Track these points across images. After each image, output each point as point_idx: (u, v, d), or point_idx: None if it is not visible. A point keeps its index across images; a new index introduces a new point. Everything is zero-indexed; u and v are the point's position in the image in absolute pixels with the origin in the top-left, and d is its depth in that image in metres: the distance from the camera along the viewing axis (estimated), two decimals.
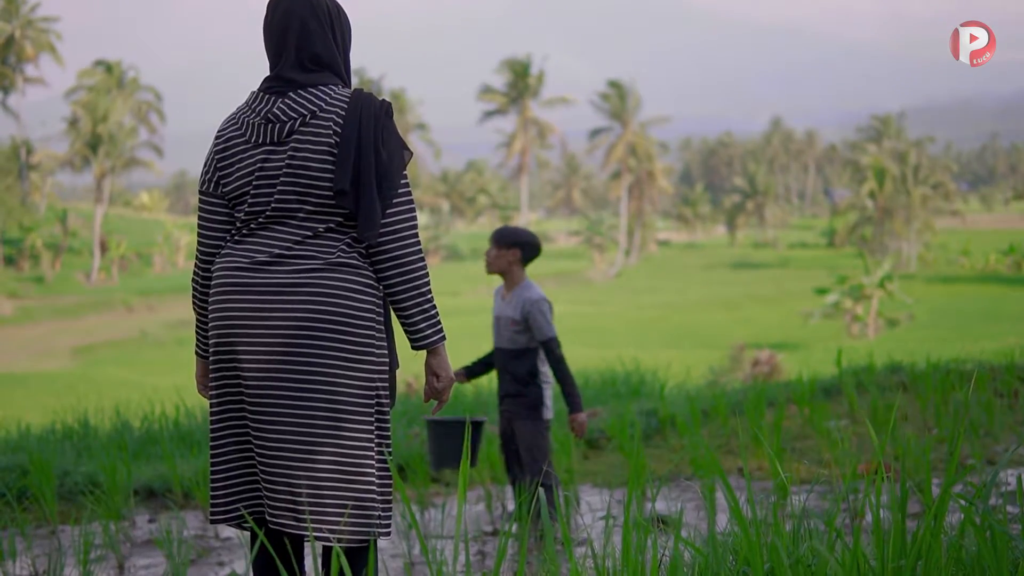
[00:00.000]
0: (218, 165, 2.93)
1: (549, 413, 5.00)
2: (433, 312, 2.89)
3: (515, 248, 4.96)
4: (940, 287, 59.28)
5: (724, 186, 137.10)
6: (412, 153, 2.91)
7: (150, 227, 77.33)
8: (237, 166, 2.88)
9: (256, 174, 2.85)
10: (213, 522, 2.96)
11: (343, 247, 2.82)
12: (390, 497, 2.89)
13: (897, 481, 5.25)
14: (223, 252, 2.90)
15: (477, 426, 4.81)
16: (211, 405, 2.93)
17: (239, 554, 4.67)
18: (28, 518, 5.14)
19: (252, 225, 2.86)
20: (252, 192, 2.85)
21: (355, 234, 2.83)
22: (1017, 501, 2.59)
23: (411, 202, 2.86)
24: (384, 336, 2.89)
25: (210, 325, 2.90)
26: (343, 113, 2.81)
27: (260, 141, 2.85)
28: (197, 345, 3.06)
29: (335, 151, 2.79)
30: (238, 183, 2.88)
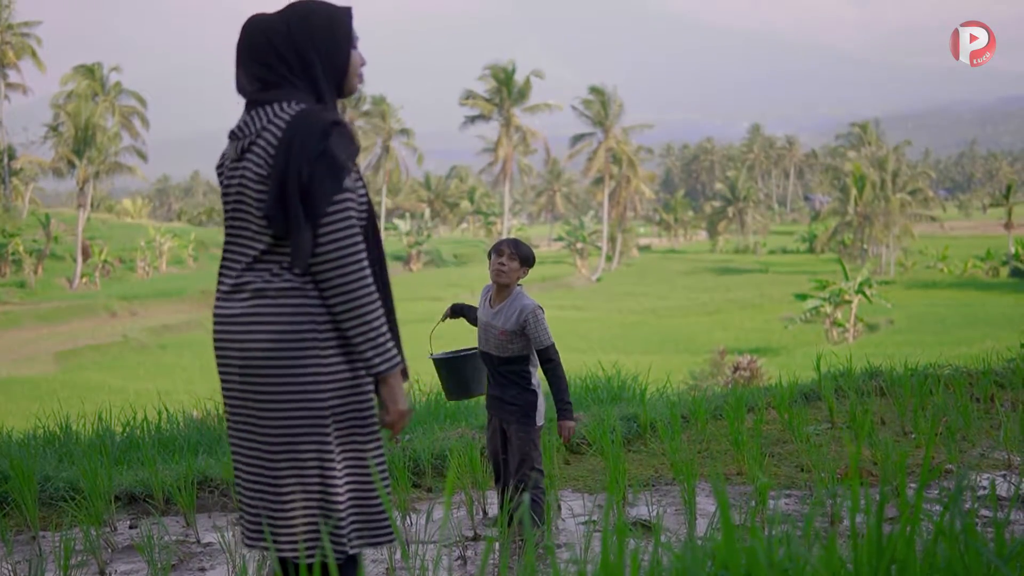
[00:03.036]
0: (218, 174, 2.99)
1: (541, 420, 5.02)
2: (379, 339, 2.76)
3: (528, 267, 5.02)
4: (918, 292, 59.63)
5: (705, 192, 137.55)
6: (350, 171, 2.77)
7: (133, 232, 77.01)
8: (223, 181, 2.94)
9: (222, 190, 2.92)
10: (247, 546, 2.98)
11: (278, 270, 2.79)
12: (372, 511, 2.87)
13: (874, 486, 5.31)
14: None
15: (472, 358, 5.09)
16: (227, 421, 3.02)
17: (220, 559, 4.68)
18: (9, 524, 5.13)
19: (224, 246, 2.93)
20: (223, 207, 2.93)
21: (288, 256, 2.80)
22: (989, 503, 2.63)
23: (346, 225, 2.72)
24: (333, 353, 2.80)
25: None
26: (278, 132, 2.77)
27: (231, 157, 2.90)
28: None
29: (264, 171, 2.78)
30: (223, 199, 2.95)
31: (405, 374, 2.94)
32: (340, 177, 2.73)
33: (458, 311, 5.32)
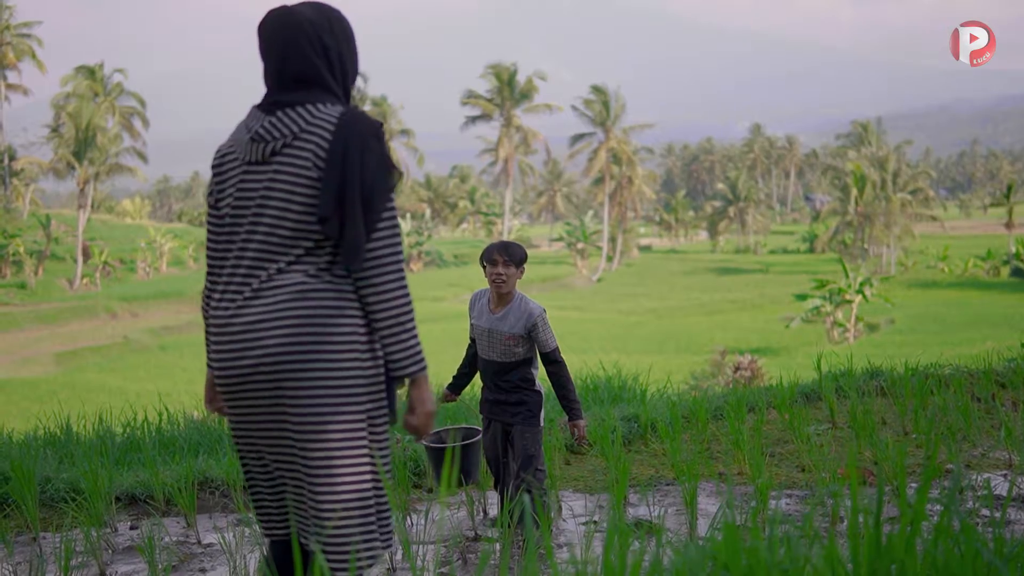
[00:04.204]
0: (215, 179, 2.93)
1: (543, 420, 5.05)
2: (412, 343, 2.78)
3: (524, 266, 4.99)
4: (919, 292, 59.63)
5: (705, 192, 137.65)
6: (402, 174, 2.83)
7: (133, 233, 77.06)
8: (228, 182, 2.88)
9: (236, 194, 2.85)
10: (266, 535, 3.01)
11: (317, 271, 2.76)
12: (384, 514, 2.86)
13: (875, 486, 5.30)
14: (220, 277, 2.88)
15: (471, 445, 4.79)
16: (230, 427, 2.95)
17: (220, 560, 4.68)
18: (9, 525, 5.13)
19: (235, 249, 2.83)
20: (231, 212, 2.85)
21: (329, 258, 2.78)
22: (987, 503, 2.63)
23: (395, 228, 2.77)
24: (369, 355, 2.81)
25: (211, 356, 2.89)
26: (327, 135, 2.75)
27: (247, 159, 2.84)
28: (208, 356, 3.00)
29: (314, 174, 2.74)
30: (226, 199, 2.88)
31: None
32: (393, 180, 2.78)
33: (455, 389, 5.31)
